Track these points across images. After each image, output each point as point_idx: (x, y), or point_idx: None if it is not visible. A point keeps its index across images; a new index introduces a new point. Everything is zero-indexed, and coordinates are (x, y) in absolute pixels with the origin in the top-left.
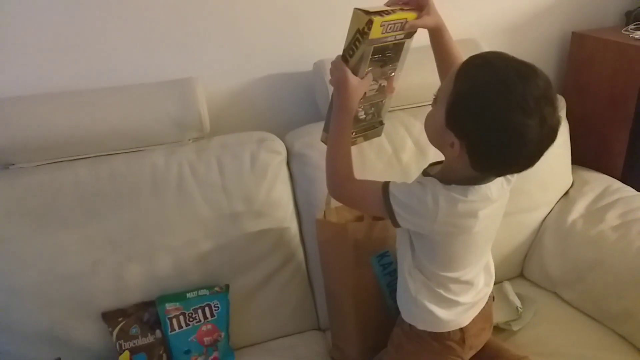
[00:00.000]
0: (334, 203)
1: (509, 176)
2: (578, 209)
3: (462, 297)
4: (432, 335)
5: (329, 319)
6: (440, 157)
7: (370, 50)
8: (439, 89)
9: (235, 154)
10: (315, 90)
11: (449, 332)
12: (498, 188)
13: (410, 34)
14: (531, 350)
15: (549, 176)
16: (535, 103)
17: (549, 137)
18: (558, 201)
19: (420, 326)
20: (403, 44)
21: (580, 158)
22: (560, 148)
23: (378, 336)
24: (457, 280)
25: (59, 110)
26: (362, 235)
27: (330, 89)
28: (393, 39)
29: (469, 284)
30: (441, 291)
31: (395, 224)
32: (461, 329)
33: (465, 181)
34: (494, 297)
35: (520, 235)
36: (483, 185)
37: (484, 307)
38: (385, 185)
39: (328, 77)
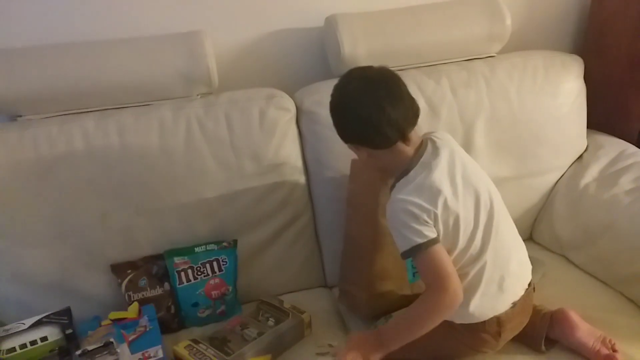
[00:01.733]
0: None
1: (436, 140)
2: (591, 173)
3: (479, 274)
4: (466, 326)
5: (340, 263)
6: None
7: None
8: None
9: (243, 110)
10: (326, 47)
11: (484, 322)
12: (431, 156)
13: None
14: None
15: (562, 140)
16: (352, 78)
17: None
18: (571, 165)
19: (457, 321)
20: None
21: (596, 121)
22: (576, 111)
23: (390, 297)
24: (477, 249)
25: (66, 62)
26: None
27: (341, 45)
28: None
29: (487, 244)
30: (470, 271)
31: (438, 239)
32: (498, 320)
33: (402, 174)
34: (534, 288)
35: (531, 198)
36: (417, 166)
37: (525, 298)
38: (411, 252)
39: (340, 33)
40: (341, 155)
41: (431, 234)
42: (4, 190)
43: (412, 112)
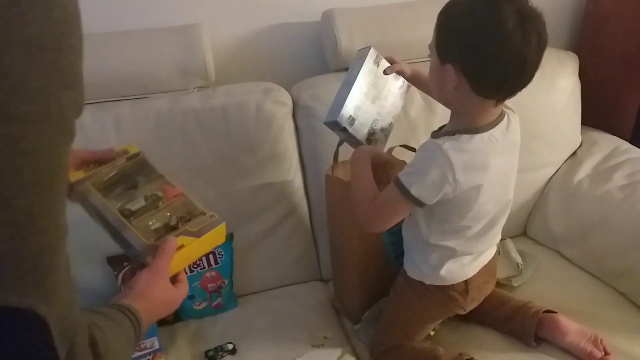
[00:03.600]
0: (342, 157)
1: (511, 120)
2: (585, 169)
3: (474, 248)
4: (436, 285)
5: (332, 271)
6: (447, 115)
7: None
8: (430, 43)
9: (240, 103)
10: (323, 41)
11: (452, 283)
12: (502, 133)
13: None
14: None
15: (556, 135)
16: (508, 1)
17: (527, 34)
18: (565, 161)
19: (428, 282)
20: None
21: (591, 118)
22: (571, 108)
23: (379, 290)
24: (475, 234)
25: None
26: None
27: (338, 40)
28: None
29: (485, 234)
30: (455, 246)
31: (424, 206)
32: (465, 281)
33: (469, 130)
34: (499, 251)
35: (525, 193)
36: (486, 133)
37: (489, 261)
38: (397, 181)
39: (337, 27)
40: None
41: (425, 199)
42: None
43: (530, 80)
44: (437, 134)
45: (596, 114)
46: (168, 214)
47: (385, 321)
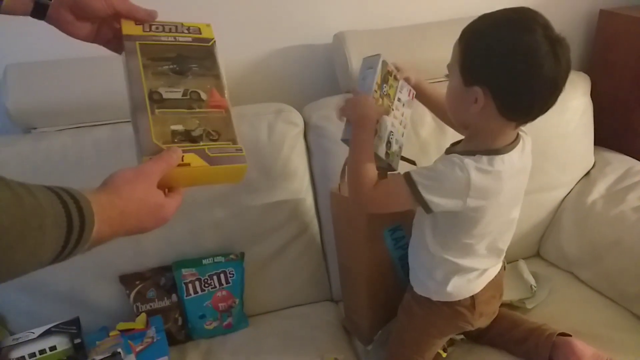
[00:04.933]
0: None
1: (526, 143)
2: (599, 190)
3: (480, 264)
4: (443, 301)
5: (342, 291)
6: (459, 136)
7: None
8: (449, 63)
9: (252, 124)
10: (335, 63)
11: (459, 299)
12: (518, 156)
13: None
14: None
15: (569, 156)
16: (538, 26)
17: (559, 59)
18: (578, 181)
19: (435, 298)
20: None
21: (604, 139)
22: (583, 128)
23: (389, 309)
24: (480, 251)
25: (80, 76)
26: None
27: (349, 61)
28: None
29: (490, 251)
30: (461, 262)
31: (429, 211)
32: (472, 296)
33: (489, 152)
34: (504, 266)
35: (538, 214)
36: (506, 155)
37: (495, 275)
38: (407, 175)
39: (348, 49)
40: None
41: (433, 205)
42: None
43: (553, 102)
44: (453, 150)
45: (609, 134)
46: (197, 122)
47: (395, 340)
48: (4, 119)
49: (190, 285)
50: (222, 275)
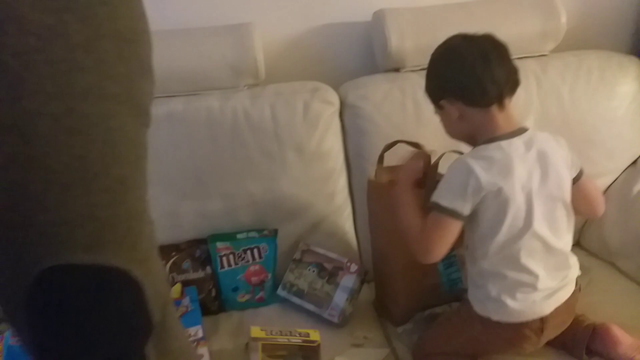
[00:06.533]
0: (386, 162)
1: (537, 136)
2: None
3: (530, 278)
4: (509, 323)
5: (374, 274)
6: None
7: None
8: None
9: (288, 102)
10: (373, 41)
11: (527, 321)
12: (523, 143)
13: None
14: None
15: (616, 143)
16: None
17: (476, 41)
18: (625, 169)
19: (495, 318)
20: None
21: None
22: (631, 115)
23: (423, 299)
24: (522, 259)
25: None
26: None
27: (389, 40)
28: None
29: (537, 261)
30: (507, 273)
31: (461, 217)
32: (541, 319)
33: (488, 141)
34: (580, 288)
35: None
36: (504, 141)
37: (568, 298)
38: (433, 205)
39: (388, 27)
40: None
41: (458, 207)
42: None
43: (513, 78)
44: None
45: None
46: None
47: (438, 336)
48: None
49: (224, 259)
50: (255, 250)
